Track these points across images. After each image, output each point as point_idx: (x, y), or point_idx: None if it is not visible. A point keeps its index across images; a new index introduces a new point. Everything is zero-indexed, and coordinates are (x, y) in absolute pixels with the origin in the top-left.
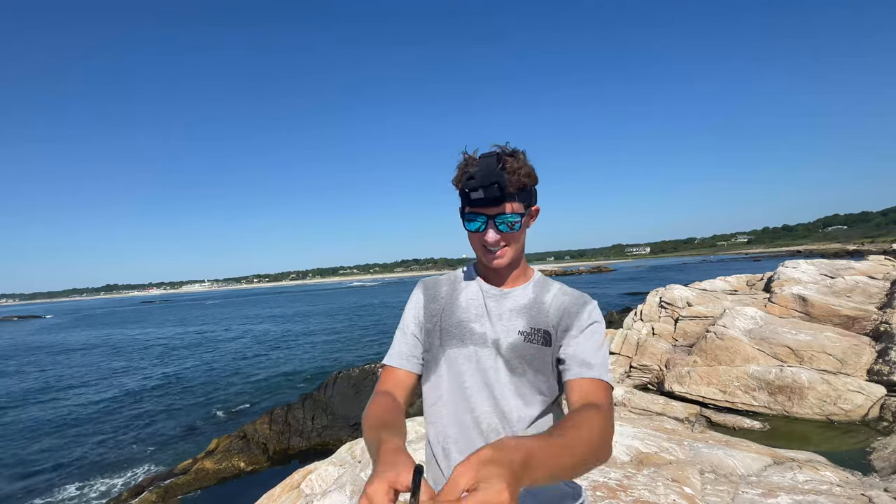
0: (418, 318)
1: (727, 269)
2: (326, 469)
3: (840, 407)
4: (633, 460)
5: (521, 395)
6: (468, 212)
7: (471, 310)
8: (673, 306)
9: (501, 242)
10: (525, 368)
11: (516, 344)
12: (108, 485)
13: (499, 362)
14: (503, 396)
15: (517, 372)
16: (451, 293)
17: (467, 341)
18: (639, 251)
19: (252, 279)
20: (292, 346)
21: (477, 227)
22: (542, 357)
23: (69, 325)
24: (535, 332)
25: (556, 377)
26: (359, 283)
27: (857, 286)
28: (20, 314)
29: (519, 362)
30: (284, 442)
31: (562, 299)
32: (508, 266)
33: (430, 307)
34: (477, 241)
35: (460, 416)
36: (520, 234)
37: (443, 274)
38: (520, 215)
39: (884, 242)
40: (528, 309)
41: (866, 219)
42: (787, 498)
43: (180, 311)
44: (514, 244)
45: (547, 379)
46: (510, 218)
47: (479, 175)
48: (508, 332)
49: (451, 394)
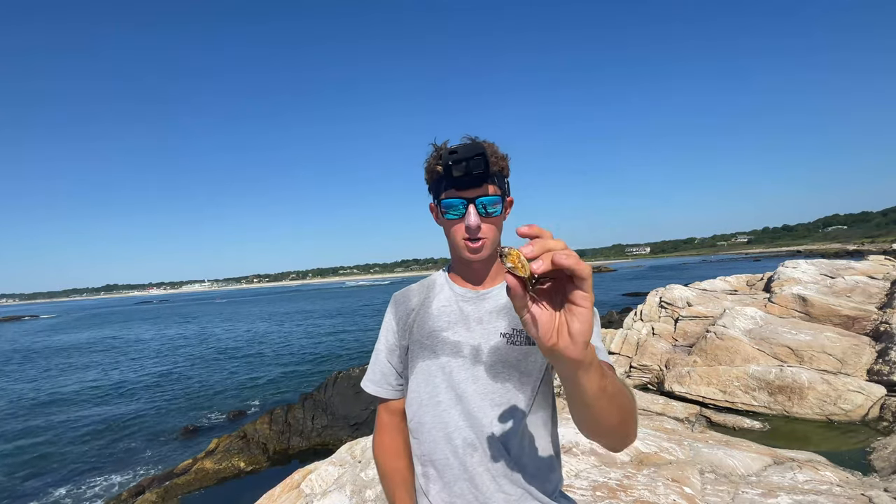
0: (388, 341)
1: (727, 269)
2: (326, 469)
3: (840, 407)
4: (633, 460)
5: (503, 403)
6: (445, 197)
7: (442, 318)
8: (673, 306)
9: (482, 228)
10: (510, 373)
11: (499, 347)
12: (108, 485)
13: (479, 370)
14: (480, 409)
15: (501, 377)
16: (423, 302)
17: (439, 352)
18: (639, 251)
19: (252, 279)
20: (292, 346)
21: (456, 214)
22: (528, 358)
23: (68, 326)
24: (517, 333)
25: (549, 379)
26: (362, 282)
27: (857, 286)
28: (18, 314)
29: (503, 367)
30: (284, 442)
31: None
32: (487, 260)
33: (402, 324)
34: (456, 231)
35: (434, 434)
36: (499, 222)
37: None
38: (500, 198)
39: (884, 242)
40: (509, 309)
41: (866, 219)
42: (787, 498)
43: (179, 310)
44: (494, 233)
45: (536, 382)
46: (492, 199)
47: (462, 149)
48: (489, 335)
49: (425, 410)
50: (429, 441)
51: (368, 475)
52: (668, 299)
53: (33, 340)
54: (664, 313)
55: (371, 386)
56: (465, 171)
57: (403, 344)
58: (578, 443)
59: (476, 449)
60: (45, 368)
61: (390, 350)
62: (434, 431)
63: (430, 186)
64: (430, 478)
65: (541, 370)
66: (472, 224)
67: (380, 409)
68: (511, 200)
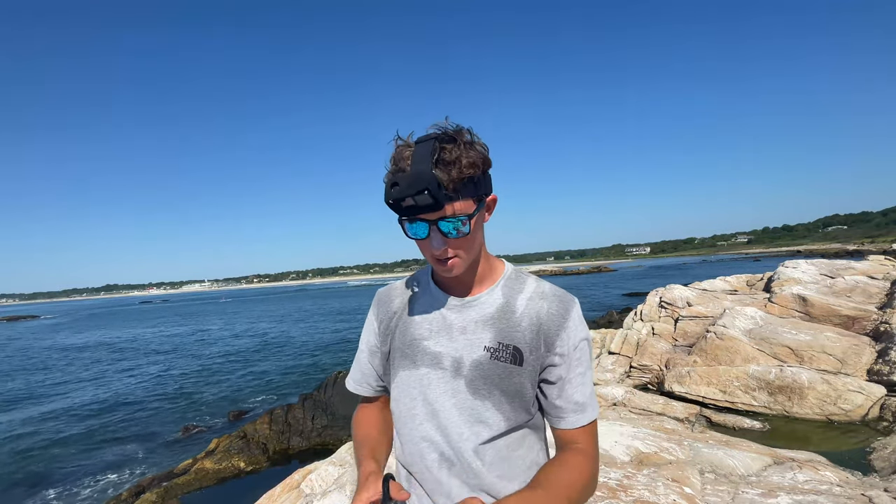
0: (370, 343)
1: (727, 269)
2: (326, 469)
3: (840, 407)
4: (633, 460)
5: (481, 421)
6: (403, 220)
7: (424, 325)
8: (673, 306)
9: (450, 251)
10: (490, 390)
11: (481, 361)
12: (108, 485)
13: (459, 384)
14: (455, 425)
15: (481, 394)
16: (405, 306)
17: (419, 362)
18: (639, 251)
19: (252, 279)
20: (292, 346)
21: (420, 235)
22: (511, 378)
23: (66, 326)
24: (503, 349)
25: (532, 400)
26: (364, 282)
27: (857, 286)
28: (17, 314)
29: (483, 383)
30: (284, 442)
31: (538, 306)
32: (468, 272)
33: (384, 328)
34: (424, 251)
35: (410, 447)
36: (472, 237)
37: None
38: (467, 216)
39: (884, 242)
40: (495, 319)
41: (866, 219)
42: (787, 498)
43: (179, 310)
44: (467, 250)
45: (517, 402)
46: (454, 222)
47: (405, 181)
48: (473, 347)
49: (403, 422)
50: (407, 453)
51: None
52: (668, 299)
53: (33, 341)
54: (664, 313)
55: (352, 384)
56: (416, 203)
57: (385, 350)
58: None
59: (453, 464)
60: (44, 369)
61: (371, 352)
62: (410, 445)
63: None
64: (412, 484)
65: (526, 393)
66: (437, 250)
67: (361, 399)
68: (494, 199)
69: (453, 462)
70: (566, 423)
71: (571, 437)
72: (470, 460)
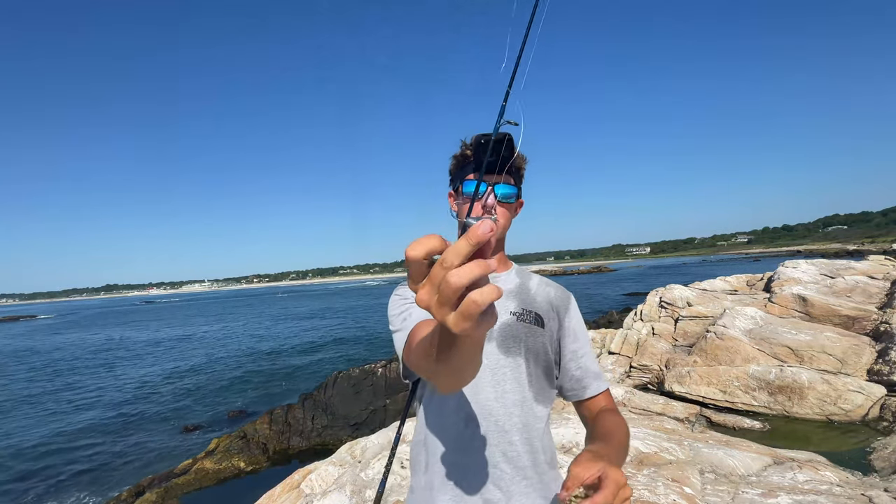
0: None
1: (727, 269)
2: (326, 469)
3: (840, 407)
4: (633, 460)
5: (510, 378)
6: (466, 179)
7: None
8: (673, 306)
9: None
10: (518, 347)
11: (509, 324)
12: (107, 485)
13: (490, 346)
14: (486, 382)
15: (512, 352)
16: None
17: None
18: (639, 251)
19: (252, 279)
20: (292, 346)
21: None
22: (536, 337)
23: (65, 326)
24: (526, 313)
25: (552, 366)
26: (368, 282)
27: (857, 286)
28: (16, 314)
29: (513, 342)
30: (284, 442)
31: (546, 290)
32: (495, 246)
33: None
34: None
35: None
36: (511, 211)
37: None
38: (515, 190)
39: (884, 242)
40: (515, 293)
41: (866, 219)
42: (787, 498)
43: (179, 310)
44: (506, 220)
45: (542, 360)
46: (509, 189)
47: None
48: (500, 314)
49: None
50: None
51: (368, 475)
52: (668, 299)
53: (32, 341)
54: (664, 313)
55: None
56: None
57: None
58: (578, 443)
59: (478, 425)
60: (43, 368)
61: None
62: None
63: (454, 175)
64: (431, 450)
65: (547, 353)
66: (490, 203)
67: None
68: (522, 202)
69: (479, 422)
70: (591, 389)
71: (598, 402)
72: (500, 419)
